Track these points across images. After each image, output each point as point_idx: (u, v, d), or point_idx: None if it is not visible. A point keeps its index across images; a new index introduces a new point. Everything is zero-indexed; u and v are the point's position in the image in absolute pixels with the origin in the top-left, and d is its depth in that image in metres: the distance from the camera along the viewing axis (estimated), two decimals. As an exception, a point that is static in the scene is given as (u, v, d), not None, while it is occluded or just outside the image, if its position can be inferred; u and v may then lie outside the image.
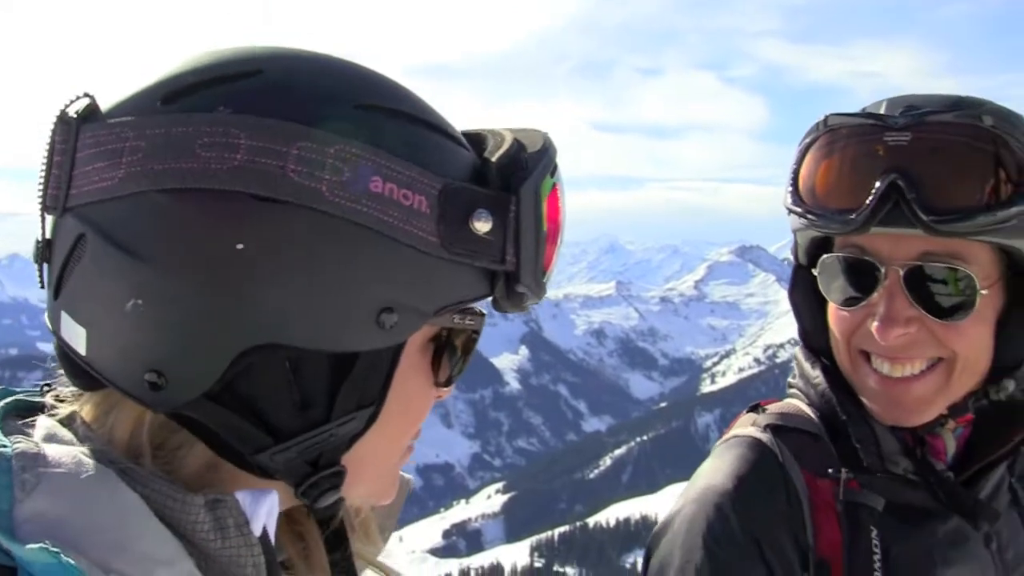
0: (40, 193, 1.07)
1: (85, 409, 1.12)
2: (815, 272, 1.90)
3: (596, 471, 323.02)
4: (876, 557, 1.74)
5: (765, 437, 1.88)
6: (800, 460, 1.84)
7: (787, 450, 1.85)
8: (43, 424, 1.08)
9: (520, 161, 1.11)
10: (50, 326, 1.11)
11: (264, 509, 1.11)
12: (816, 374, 1.97)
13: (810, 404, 1.97)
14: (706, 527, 1.77)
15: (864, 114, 1.78)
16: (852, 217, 1.71)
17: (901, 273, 1.73)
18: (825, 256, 1.87)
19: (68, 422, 1.10)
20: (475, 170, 1.12)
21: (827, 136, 1.80)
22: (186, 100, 1.03)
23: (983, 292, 1.72)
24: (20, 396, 1.16)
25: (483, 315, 1.21)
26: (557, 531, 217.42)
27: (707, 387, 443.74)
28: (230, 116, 1.00)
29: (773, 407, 2.03)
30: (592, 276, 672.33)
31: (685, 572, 1.75)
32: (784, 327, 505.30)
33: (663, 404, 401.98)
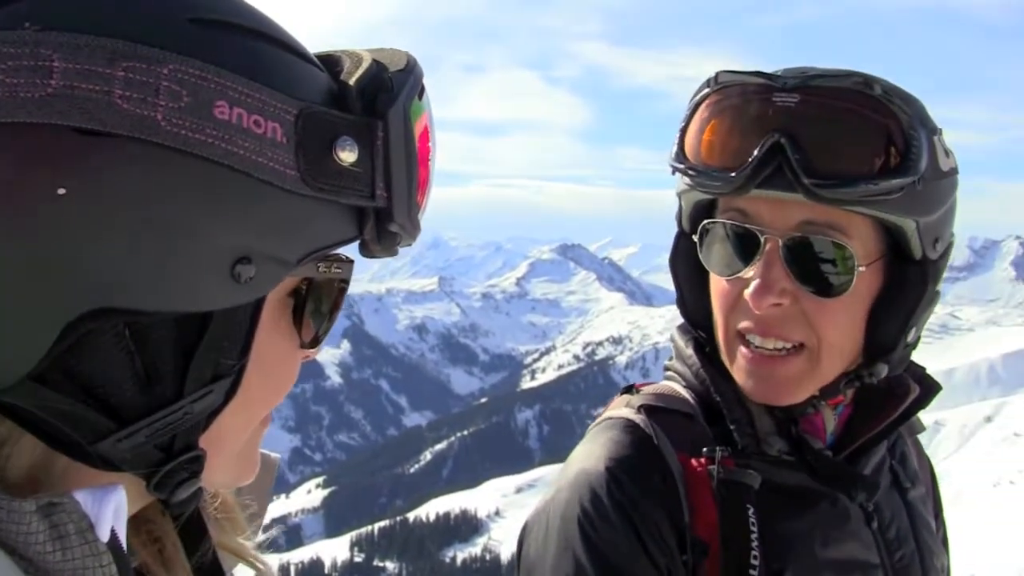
0: None
1: None
2: (696, 239, 1.86)
3: (417, 466, 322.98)
4: (753, 535, 1.69)
5: (639, 418, 1.83)
6: (674, 441, 1.79)
7: (661, 431, 1.81)
8: None
9: (384, 82, 0.99)
10: None
11: (110, 509, 0.93)
12: (690, 353, 1.95)
13: (686, 386, 1.94)
14: (581, 512, 1.72)
15: (754, 72, 1.74)
16: (733, 176, 1.68)
17: (781, 243, 1.71)
18: (706, 221, 1.83)
19: None
20: (332, 93, 0.98)
21: (716, 94, 1.77)
22: None
23: (861, 269, 1.71)
24: None
25: (351, 262, 1.08)
26: (377, 526, 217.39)
27: (527, 383, 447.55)
28: (38, 33, 0.81)
29: (648, 388, 1.99)
30: (415, 271, 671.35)
31: (563, 560, 1.71)
32: (603, 325, 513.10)
33: (484, 400, 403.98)
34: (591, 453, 1.81)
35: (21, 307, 0.82)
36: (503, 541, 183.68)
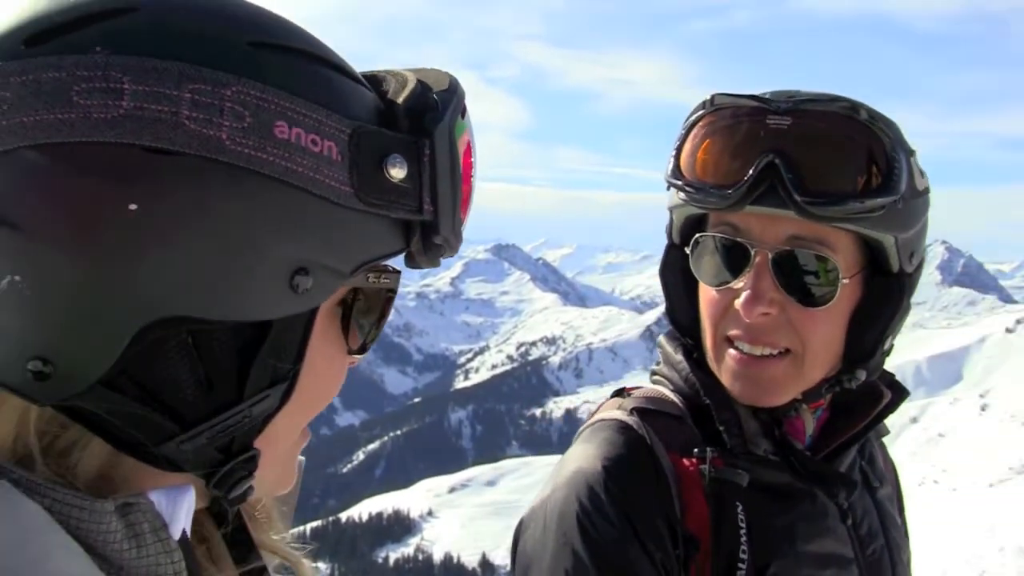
0: None
1: None
2: (687, 251, 1.94)
3: (349, 466, 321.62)
4: (742, 531, 1.78)
5: (631, 420, 1.90)
6: (666, 441, 1.86)
7: (653, 432, 1.87)
8: None
9: (430, 102, 1.02)
10: None
11: (183, 510, 1.00)
12: (680, 359, 2.02)
13: (674, 389, 2.01)
14: (579, 509, 1.78)
15: (749, 96, 1.82)
16: (729, 193, 1.76)
17: (770, 256, 1.79)
18: (699, 235, 1.91)
19: None
20: (381, 112, 1.02)
21: (711, 115, 1.85)
22: (55, 42, 0.87)
23: (844, 281, 1.80)
24: None
25: (398, 272, 1.12)
26: (309, 526, 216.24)
27: (461, 383, 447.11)
28: (110, 57, 0.86)
29: (638, 392, 2.07)
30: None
31: (561, 555, 1.76)
32: (537, 325, 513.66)
33: (417, 399, 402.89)
34: (587, 453, 1.87)
35: (95, 316, 0.86)
36: (435, 541, 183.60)
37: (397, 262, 1.10)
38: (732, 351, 1.89)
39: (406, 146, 0.98)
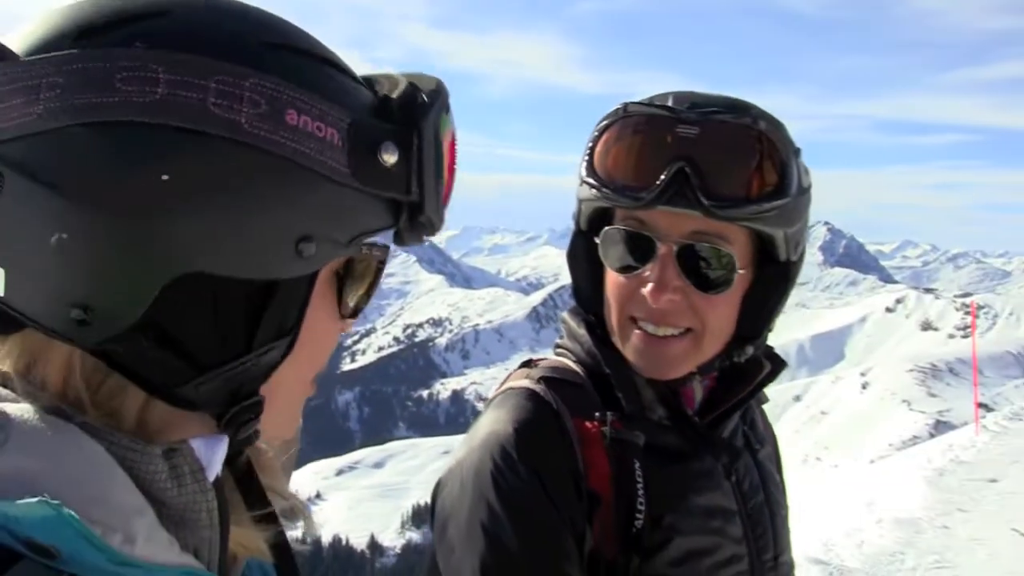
0: None
1: (8, 364, 1.07)
2: (596, 240, 2.10)
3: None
4: (639, 486, 1.94)
5: (539, 388, 2.05)
6: (570, 407, 2.02)
7: (559, 398, 2.03)
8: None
9: (419, 99, 1.16)
10: None
11: (218, 456, 1.14)
12: (583, 332, 2.19)
13: (576, 361, 2.18)
14: (493, 467, 1.92)
15: (660, 105, 1.97)
16: (643, 195, 1.91)
17: (675, 248, 1.96)
18: (608, 228, 2.07)
19: (2, 381, 1.07)
20: (376, 107, 1.15)
21: (625, 121, 2.00)
22: (100, 38, 1.02)
23: (740, 271, 2.00)
24: None
25: (388, 247, 1.24)
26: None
27: (347, 365, 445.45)
28: (147, 51, 1.00)
29: (544, 363, 2.22)
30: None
31: (477, 509, 1.90)
32: (423, 306, 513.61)
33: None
34: (499, 417, 2.02)
35: (131, 269, 0.99)
36: (324, 523, 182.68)
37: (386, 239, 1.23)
38: (637, 331, 2.05)
39: (397, 136, 1.11)
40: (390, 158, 1.11)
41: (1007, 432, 21.94)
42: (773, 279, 2.09)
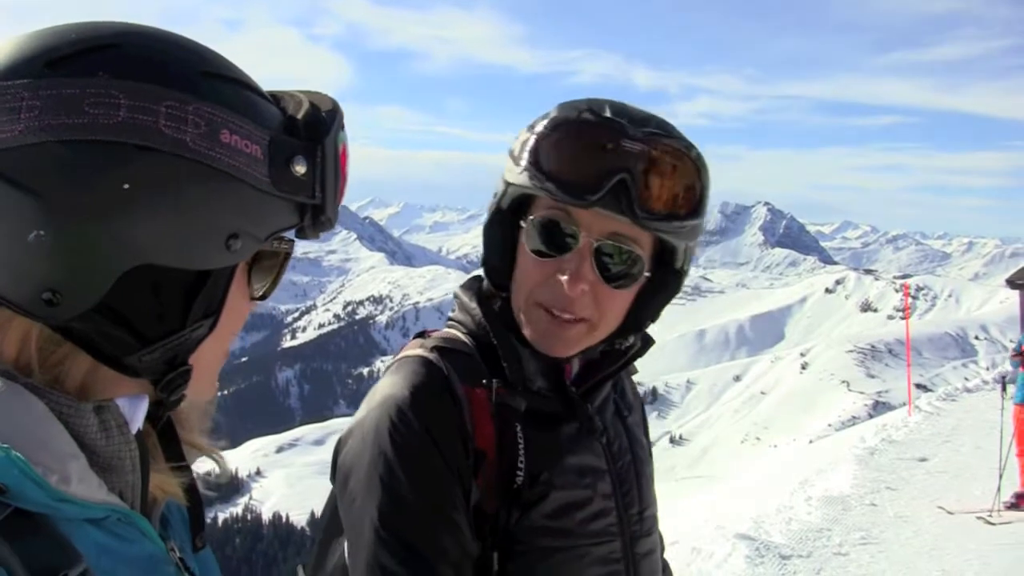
0: None
1: None
2: (522, 224, 2.24)
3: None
4: (520, 447, 2.12)
5: (432, 356, 2.22)
6: (460, 374, 2.19)
7: (449, 366, 2.20)
8: None
9: (321, 119, 1.37)
10: None
11: (140, 413, 1.35)
12: (474, 306, 2.35)
13: (466, 332, 2.35)
14: (391, 425, 2.08)
15: (609, 118, 2.11)
16: (588, 197, 2.06)
17: (594, 245, 2.12)
18: (538, 215, 2.20)
19: None
20: (285, 124, 1.35)
21: (577, 125, 2.13)
22: (68, 66, 1.20)
23: (647, 273, 2.19)
24: None
25: (293, 241, 1.46)
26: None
27: (288, 342, 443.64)
28: (110, 80, 1.18)
29: (436, 334, 2.39)
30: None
31: (377, 463, 2.07)
32: (364, 284, 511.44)
33: (244, 359, 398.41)
34: (396, 382, 2.18)
35: (94, 262, 1.19)
36: (264, 500, 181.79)
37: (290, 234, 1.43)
38: (543, 313, 2.20)
39: (306, 150, 1.32)
40: (300, 168, 1.31)
41: (940, 413, 22.30)
42: (665, 283, 2.28)
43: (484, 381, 2.20)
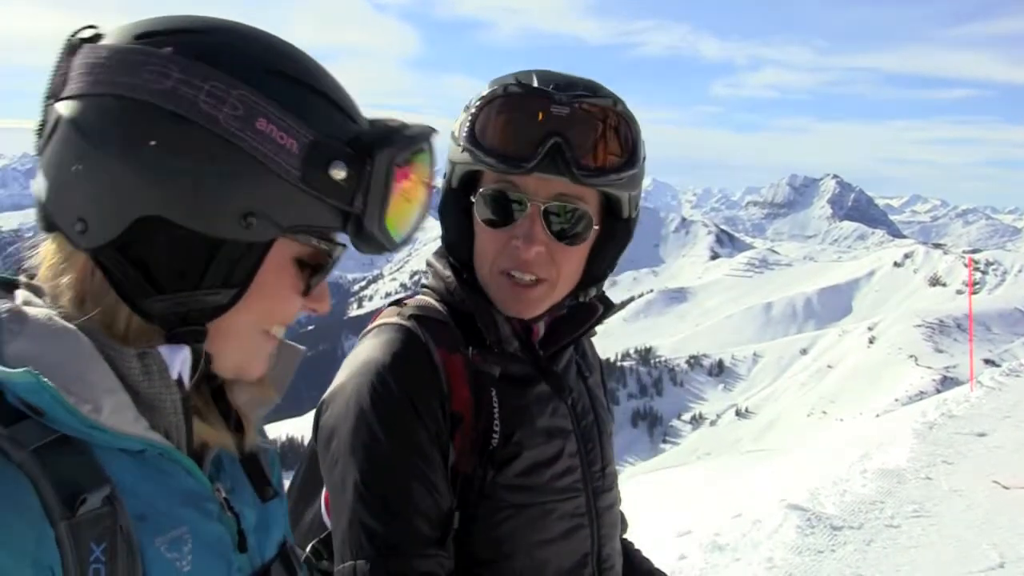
0: (49, 88, 1.42)
1: (43, 272, 1.45)
2: (472, 199, 2.37)
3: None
4: (495, 410, 2.25)
5: (409, 323, 2.33)
6: (436, 340, 2.30)
7: (427, 333, 2.31)
8: (21, 293, 1.43)
9: (388, 137, 1.43)
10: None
11: (179, 360, 1.44)
12: (448, 274, 2.46)
13: (440, 300, 2.45)
14: (371, 389, 2.20)
15: (536, 88, 2.24)
16: (524, 164, 2.19)
17: (541, 208, 2.25)
18: (484, 188, 2.33)
19: (36, 290, 1.44)
20: (350, 134, 1.43)
21: (504, 99, 2.26)
22: (150, 39, 1.36)
23: (595, 228, 2.33)
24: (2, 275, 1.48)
25: (340, 245, 1.51)
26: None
27: (355, 311, 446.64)
28: (171, 54, 1.34)
29: (411, 302, 2.48)
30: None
31: (359, 426, 2.17)
32: (430, 253, 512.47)
33: (311, 327, 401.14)
34: (376, 347, 2.30)
35: (114, 199, 1.34)
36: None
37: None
38: (506, 279, 2.33)
39: (352, 158, 1.40)
40: (340, 173, 1.38)
41: (1002, 388, 22.15)
42: (616, 233, 2.41)
43: (461, 348, 2.31)
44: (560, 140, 2.17)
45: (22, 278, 1.48)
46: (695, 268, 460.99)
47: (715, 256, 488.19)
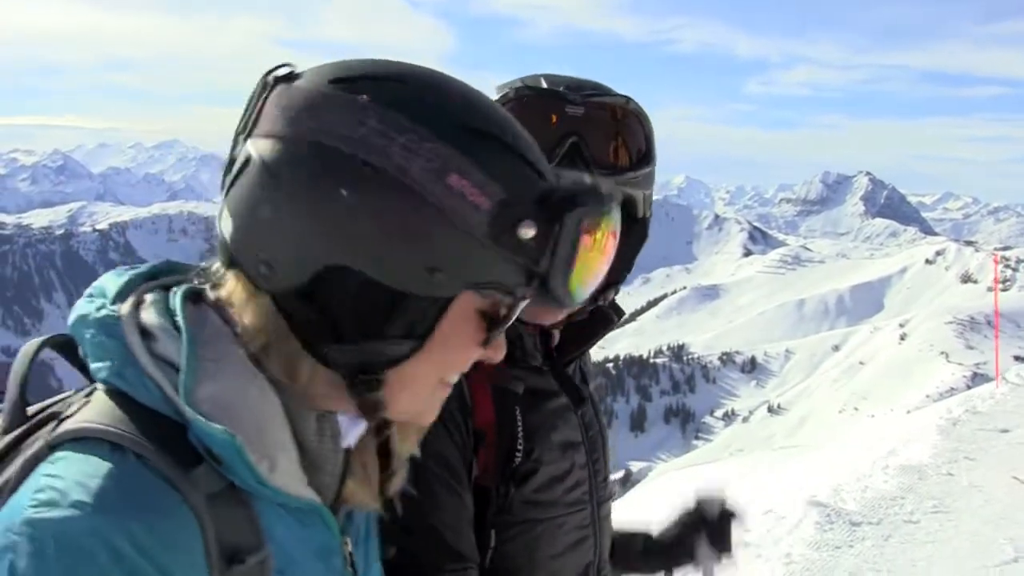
0: (241, 124, 1.41)
1: (224, 294, 1.44)
2: None
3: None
4: (519, 429, 2.26)
5: None
6: None
7: None
8: (213, 321, 1.41)
9: (577, 197, 1.39)
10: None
11: (354, 432, 1.51)
12: None
13: None
14: None
15: (548, 90, 2.26)
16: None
17: None
18: None
19: (220, 311, 1.43)
20: (541, 192, 1.39)
21: (518, 102, 2.26)
22: (345, 85, 1.35)
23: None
24: (188, 283, 1.49)
25: (521, 298, 1.46)
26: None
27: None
28: (368, 103, 1.31)
29: None
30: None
31: None
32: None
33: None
34: None
35: (303, 246, 1.32)
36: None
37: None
38: None
39: (540, 219, 1.35)
40: (527, 233, 1.34)
41: (1028, 384, 22.21)
42: (631, 233, 2.31)
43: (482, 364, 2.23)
44: (577, 139, 2.20)
45: (208, 292, 1.48)
46: (728, 265, 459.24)
47: (748, 253, 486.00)
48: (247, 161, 1.36)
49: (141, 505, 1.22)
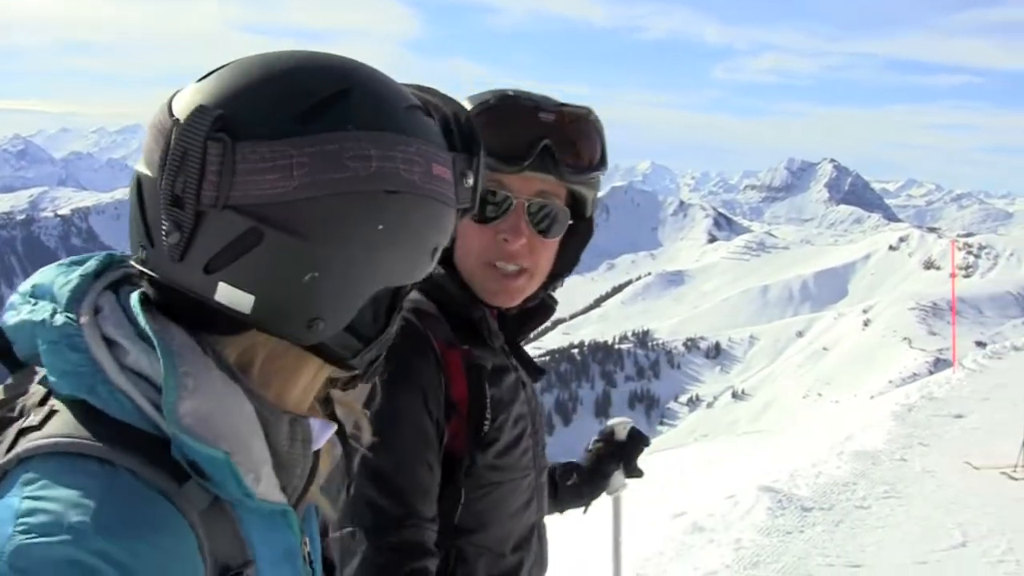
0: (187, 192, 1.26)
1: (231, 352, 1.39)
2: None
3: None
4: (487, 401, 2.46)
5: (412, 317, 2.45)
6: (433, 334, 2.47)
7: (427, 328, 2.47)
8: (176, 332, 1.32)
9: (473, 129, 1.50)
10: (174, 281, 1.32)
11: (324, 436, 1.53)
12: (441, 270, 2.56)
13: (427, 296, 2.59)
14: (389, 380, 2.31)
15: (524, 97, 2.50)
16: (521, 163, 2.43)
17: (526, 204, 2.46)
18: None
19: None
20: (448, 139, 1.46)
21: (498, 106, 2.47)
22: (317, 121, 1.29)
23: (570, 222, 2.56)
24: (132, 283, 1.40)
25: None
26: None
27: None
28: (359, 133, 1.30)
29: (408, 298, 2.56)
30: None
31: (384, 413, 2.25)
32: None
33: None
34: None
35: (356, 292, 1.36)
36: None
37: None
38: (492, 270, 2.53)
39: (470, 163, 1.46)
40: (470, 181, 1.46)
41: (984, 370, 22.44)
42: (579, 230, 2.64)
43: (455, 343, 2.51)
44: (549, 142, 2.41)
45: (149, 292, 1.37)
46: (693, 251, 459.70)
47: (713, 239, 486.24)
48: (247, 232, 1.29)
49: (143, 523, 1.18)
